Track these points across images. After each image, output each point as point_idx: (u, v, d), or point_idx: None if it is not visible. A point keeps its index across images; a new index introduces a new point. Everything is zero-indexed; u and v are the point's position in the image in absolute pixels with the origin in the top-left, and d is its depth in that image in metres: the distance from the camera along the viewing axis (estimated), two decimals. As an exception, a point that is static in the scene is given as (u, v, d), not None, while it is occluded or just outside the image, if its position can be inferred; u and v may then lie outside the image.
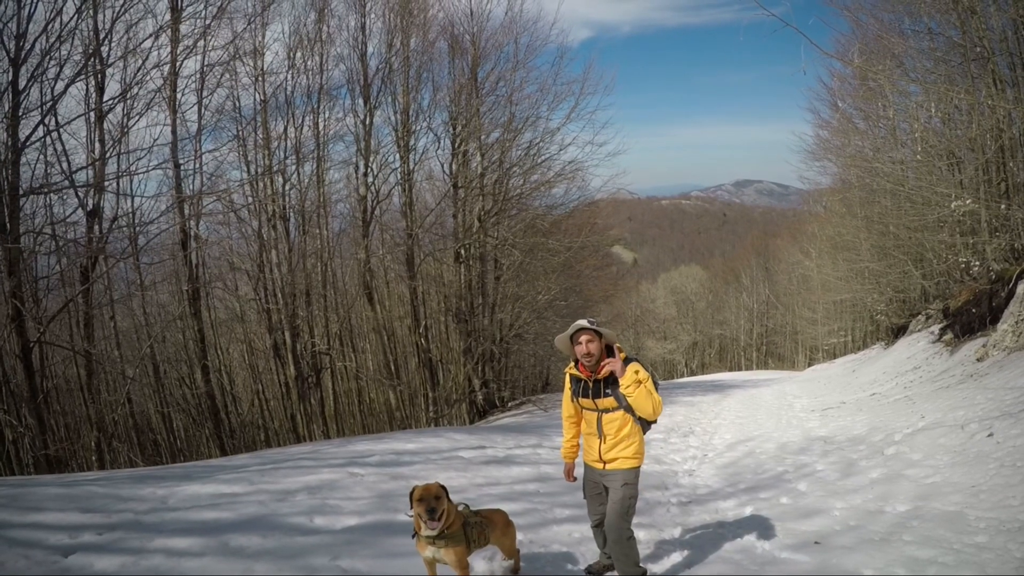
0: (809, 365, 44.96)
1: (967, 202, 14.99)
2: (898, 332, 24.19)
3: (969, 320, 14.96)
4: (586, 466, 4.91)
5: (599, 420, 4.69)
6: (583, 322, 4.63)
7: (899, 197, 19.68)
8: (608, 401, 4.63)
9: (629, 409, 4.60)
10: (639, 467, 4.75)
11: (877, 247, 24.84)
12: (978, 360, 12.30)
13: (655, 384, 4.63)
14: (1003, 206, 14.71)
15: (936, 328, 18.14)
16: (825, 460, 8.78)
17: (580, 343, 4.59)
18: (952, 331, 15.92)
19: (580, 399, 4.78)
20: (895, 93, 19.73)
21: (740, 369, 62.47)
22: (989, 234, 15.35)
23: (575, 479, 5.08)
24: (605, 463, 4.71)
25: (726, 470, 8.99)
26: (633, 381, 4.49)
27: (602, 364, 4.58)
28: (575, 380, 4.81)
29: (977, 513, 5.61)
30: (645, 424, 4.73)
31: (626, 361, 4.60)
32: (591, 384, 4.68)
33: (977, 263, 16.08)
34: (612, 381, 4.59)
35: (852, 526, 5.92)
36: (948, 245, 18.01)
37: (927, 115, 18.43)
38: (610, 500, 4.70)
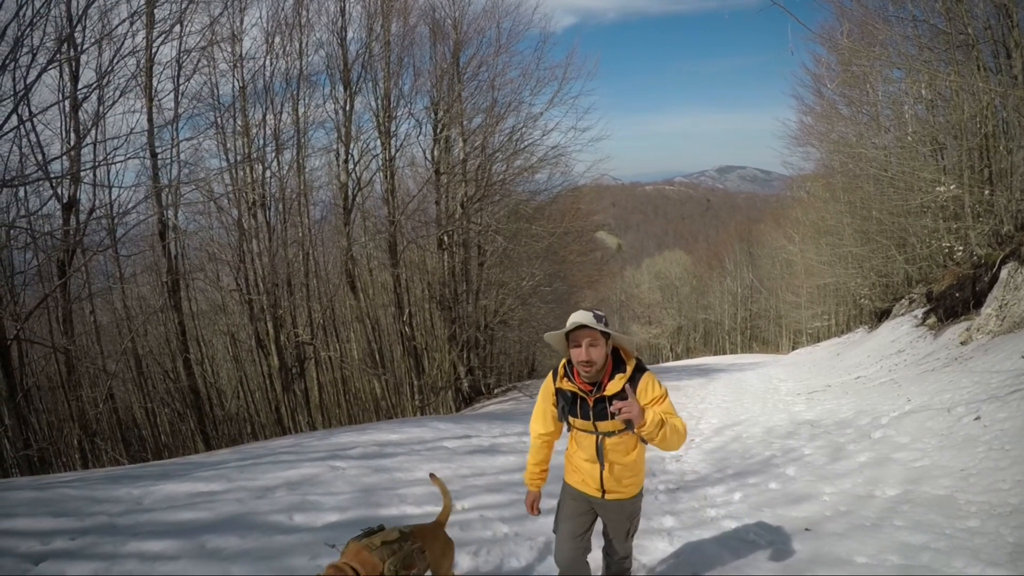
0: (793, 349, 45.17)
1: (951, 188, 15.05)
2: (881, 316, 24.26)
3: (952, 304, 15.00)
4: (569, 488, 3.86)
5: (599, 444, 3.56)
6: (586, 316, 3.35)
7: (882, 182, 19.78)
8: (612, 424, 3.47)
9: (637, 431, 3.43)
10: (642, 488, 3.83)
11: (860, 232, 24.92)
12: (962, 344, 12.32)
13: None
14: (987, 192, 14.77)
15: (919, 312, 18.19)
16: (812, 444, 8.75)
17: (579, 345, 3.35)
18: (936, 315, 15.95)
19: (572, 417, 3.61)
20: (879, 79, 19.78)
21: (725, 353, 62.72)
22: (973, 219, 15.39)
23: (539, 512, 3.96)
24: (605, 492, 3.66)
25: (713, 455, 8.94)
26: (656, 420, 3.28)
27: (605, 378, 3.44)
28: (564, 393, 3.61)
29: (968, 497, 5.57)
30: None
31: (637, 371, 3.46)
32: (591, 402, 3.47)
33: (960, 248, 16.15)
34: (619, 397, 3.38)
35: (843, 511, 5.87)
36: (931, 230, 18.09)
37: (911, 101, 18.47)
38: (611, 531, 3.84)
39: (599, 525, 3.92)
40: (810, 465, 7.71)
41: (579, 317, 3.36)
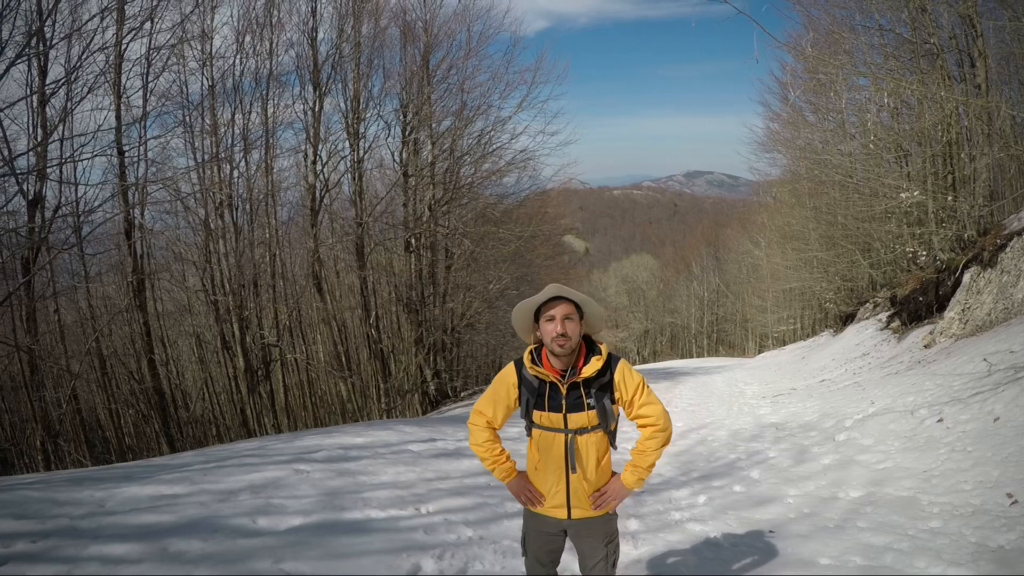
0: (759, 352, 45.54)
1: (915, 194, 15.28)
2: (846, 320, 24.58)
3: (916, 308, 15.23)
4: (531, 515, 3.32)
5: (569, 445, 3.07)
6: (559, 287, 3.03)
7: (847, 188, 20.02)
8: (587, 416, 3.05)
9: (609, 428, 3.16)
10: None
11: (825, 237, 25.18)
12: (925, 347, 12.50)
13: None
14: (950, 197, 15.02)
15: (884, 316, 18.45)
16: (777, 447, 8.81)
17: (552, 318, 2.97)
18: (900, 319, 16.19)
19: (538, 412, 3.11)
20: (845, 87, 20.04)
21: (691, 356, 63.09)
22: (936, 225, 15.62)
23: (540, 497, 3.24)
24: (571, 508, 3.16)
25: (679, 458, 8.96)
26: (645, 468, 3.17)
27: (580, 361, 3.07)
28: (529, 382, 3.13)
29: (930, 498, 5.63)
30: (612, 440, 3.25)
31: (611, 359, 3.11)
32: (563, 388, 3.04)
33: (924, 253, 16.37)
34: (596, 383, 3.06)
35: (806, 513, 5.90)
36: (895, 235, 18.31)
37: (877, 108, 18.73)
38: (587, 559, 3.28)
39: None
40: (775, 468, 7.76)
41: (552, 287, 3.04)
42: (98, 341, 15.61)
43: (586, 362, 3.07)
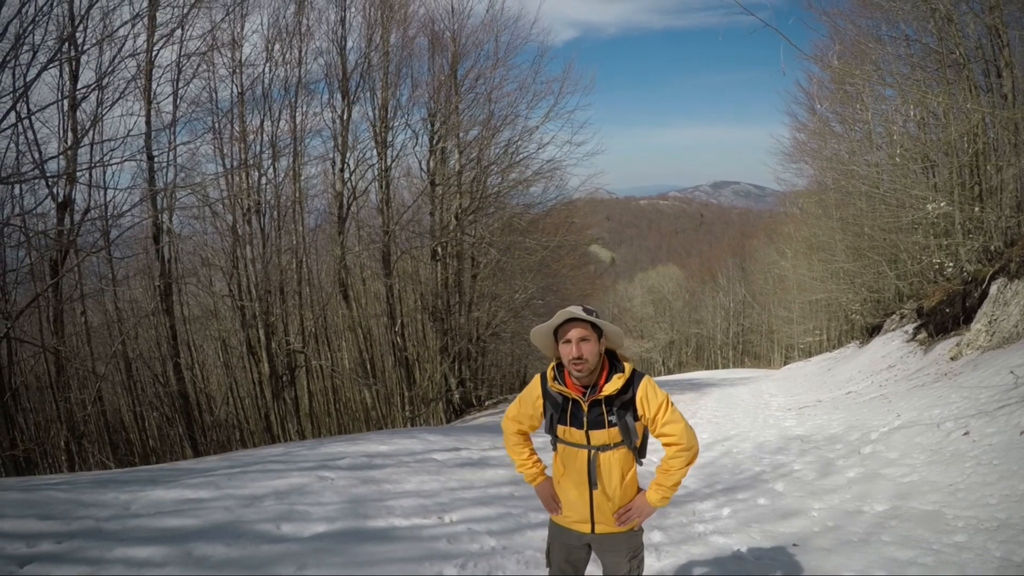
0: (785, 363, 45.19)
1: (941, 204, 15.14)
2: (873, 331, 24.34)
3: (943, 320, 15.06)
4: (556, 527, 3.36)
5: (592, 460, 3.11)
6: (575, 309, 3.01)
7: (874, 199, 19.90)
8: (608, 434, 3.07)
9: (634, 444, 3.14)
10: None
11: (852, 248, 25.02)
12: (952, 359, 12.37)
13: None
14: (977, 209, 14.89)
15: (910, 327, 18.25)
16: (802, 460, 8.76)
17: (569, 340, 2.99)
18: (926, 330, 16.01)
19: (561, 427, 3.15)
20: (872, 97, 19.93)
21: (717, 367, 62.74)
22: (963, 236, 15.49)
23: (560, 504, 3.31)
24: (595, 523, 3.18)
25: (703, 470, 8.93)
26: (670, 487, 3.17)
27: (601, 379, 3.07)
28: (553, 398, 3.16)
29: (955, 512, 5.59)
30: (639, 455, 3.26)
31: (634, 376, 3.10)
32: (585, 406, 3.06)
33: (951, 264, 16.23)
34: (619, 400, 3.06)
35: (831, 527, 5.87)
36: (922, 246, 18.16)
37: (903, 119, 18.60)
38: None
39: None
40: (799, 480, 7.71)
41: (568, 310, 3.03)
42: (124, 344, 15.73)
43: (608, 379, 3.07)
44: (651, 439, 3.27)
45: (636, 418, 3.09)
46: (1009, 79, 14.18)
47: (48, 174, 12.70)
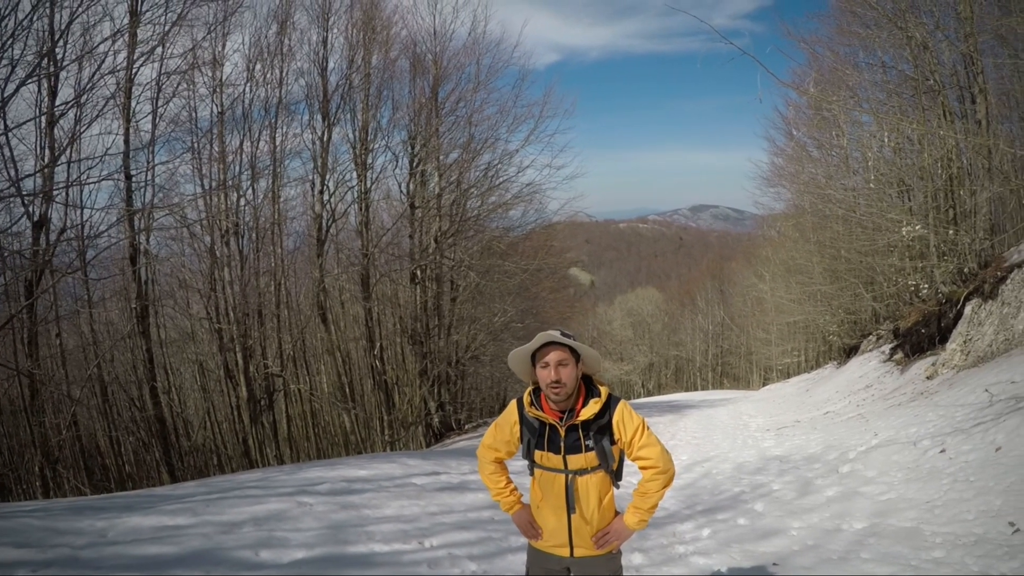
0: (764, 385, 45.36)
1: (917, 228, 15.37)
2: (850, 352, 24.52)
3: (919, 340, 15.22)
4: (535, 551, 3.36)
5: (569, 485, 3.11)
6: (554, 333, 3.01)
7: (851, 223, 20.17)
8: (585, 458, 3.08)
9: (611, 468, 3.16)
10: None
11: (829, 270, 25.25)
12: (928, 378, 12.48)
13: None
14: (951, 231, 15.12)
15: (887, 348, 18.41)
16: (781, 479, 8.78)
17: (547, 364, 2.98)
18: (902, 350, 16.17)
19: (539, 452, 3.15)
20: (848, 123, 20.26)
21: (696, 389, 62.81)
22: (938, 258, 15.69)
23: (540, 530, 3.28)
24: (574, 547, 3.19)
25: (683, 491, 8.94)
26: (647, 510, 3.19)
27: (578, 404, 3.07)
28: (530, 423, 3.16)
29: (933, 528, 5.62)
30: (616, 479, 3.27)
31: (610, 400, 3.11)
32: (562, 431, 3.06)
33: (926, 286, 16.42)
34: (595, 425, 3.06)
35: (810, 546, 5.89)
36: (898, 269, 18.38)
37: (879, 144, 18.89)
38: None
39: None
40: (779, 500, 7.73)
41: (546, 334, 3.03)
42: (100, 367, 15.58)
43: (584, 404, 3.08)
44: (627, 462, 3.27)
45: (613, 442, 3.11)
46: (983, 105, 14.46)
47: (24, 192, 12.49)
